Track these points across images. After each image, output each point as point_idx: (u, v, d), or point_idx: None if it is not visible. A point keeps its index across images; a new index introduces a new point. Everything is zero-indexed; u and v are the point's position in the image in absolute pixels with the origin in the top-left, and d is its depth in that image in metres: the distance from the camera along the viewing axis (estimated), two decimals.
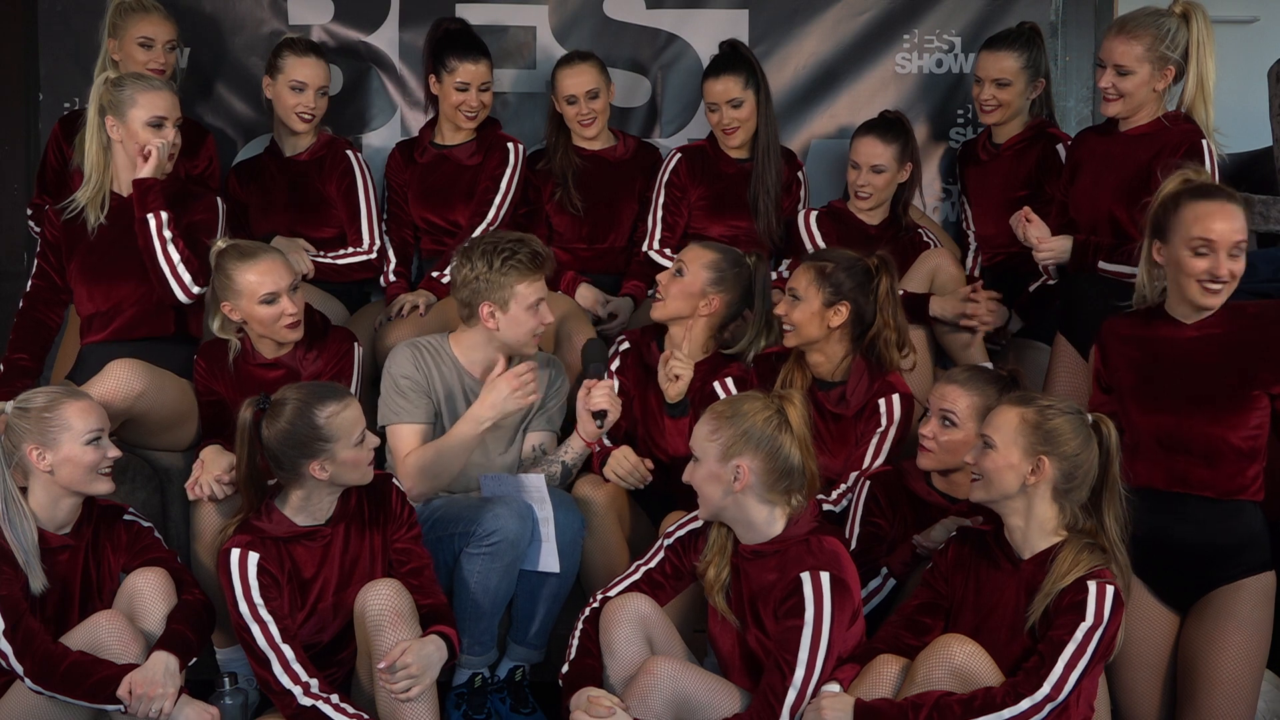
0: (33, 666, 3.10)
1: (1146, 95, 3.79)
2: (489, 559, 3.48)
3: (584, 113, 4.52)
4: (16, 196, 4.76)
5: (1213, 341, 3.28)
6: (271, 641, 3.19)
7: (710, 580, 3.20)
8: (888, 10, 4.89)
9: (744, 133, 4.51)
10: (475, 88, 4.44)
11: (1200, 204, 3.24)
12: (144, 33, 4.32)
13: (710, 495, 3.14)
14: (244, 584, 3.22)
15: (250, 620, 3.20)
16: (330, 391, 3.31)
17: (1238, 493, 3.27)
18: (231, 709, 3.31)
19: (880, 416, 3.76)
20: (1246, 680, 3.31)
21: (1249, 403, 3.25)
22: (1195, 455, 3.27)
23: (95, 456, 3.24)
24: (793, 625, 3.04)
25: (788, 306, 3.76)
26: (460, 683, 3.58)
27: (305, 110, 4.39)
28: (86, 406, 3.28)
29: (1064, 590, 3.01)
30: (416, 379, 3.69)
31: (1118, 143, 3.85)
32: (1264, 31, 5.63)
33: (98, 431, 3.25)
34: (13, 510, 3.18)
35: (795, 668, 3.02)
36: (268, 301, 3.65)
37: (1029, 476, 3.04)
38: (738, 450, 3.10)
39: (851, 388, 3.77)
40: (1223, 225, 3.21)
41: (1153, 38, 3.74)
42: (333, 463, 3.26)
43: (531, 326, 3.67)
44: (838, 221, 4.48)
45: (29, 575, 3.18)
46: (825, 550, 3.11)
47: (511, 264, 3.63)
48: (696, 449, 3.15)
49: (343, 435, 3.25)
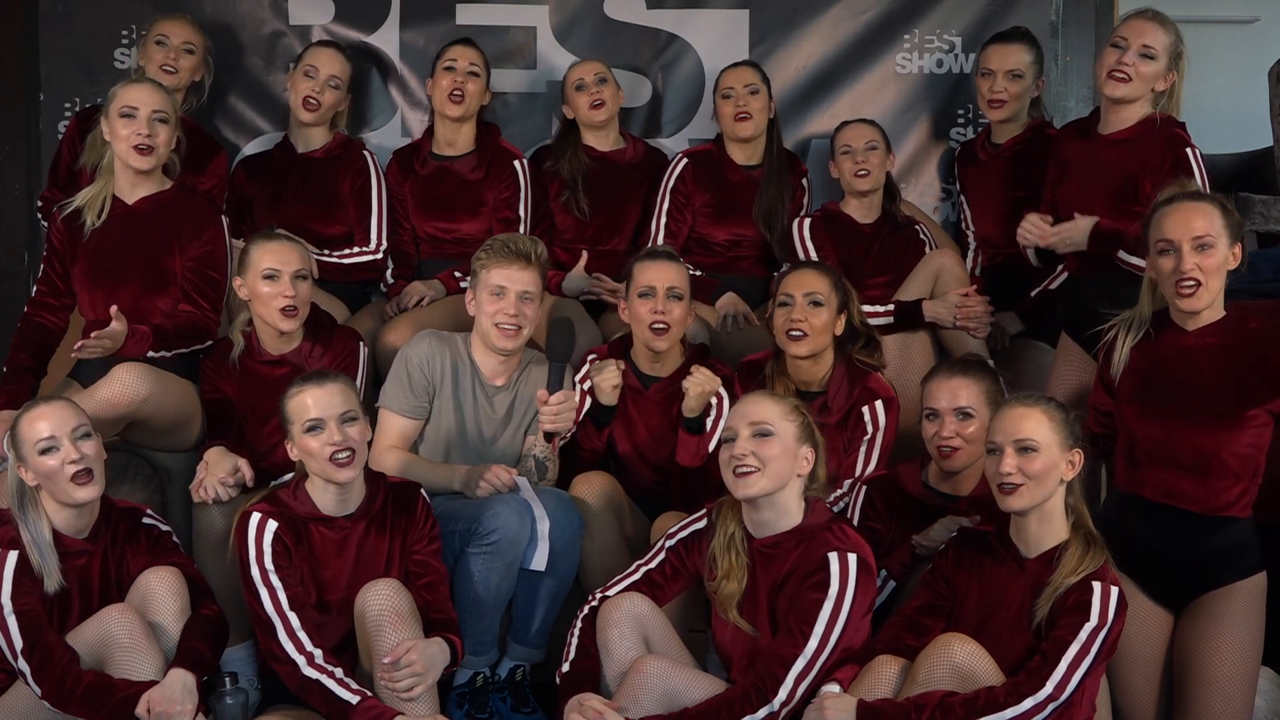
0: (51, 690, 3.07)
1: (1148, 90, 3.79)
2: (489, 558, 3.48)
3: (594, 95, 4.53)
4: (17, 196, 4.76)
5: (1211, 352, 3.27)
6: (278, 606, 3.20)
7: (726, 595, 3.17)
8: (888, 10, 4.89)
9: (755, 125, 4.51)
10: (462, 70, 4.45)
11: (1162, 209, 3.30)
12: (161, 31, 4.39)
13: (782, 471, 3.12)
14: (258, 547, 3.24)
15: (259, 584, 3.22)
16: (309, 375, 3.35)
17: (1222, 509, 3.26)
18: (232, 709, 3.31)
19: (866, 424, 3.77)
20: (1242, 680, 3.31)
21: (1243, 420, 3.24)
22: (1185, 469, 3.26)
23: (53, 463, 3.13)
24: (815, 598, 3.04)
25: (806, 310, 3.75)
26: (461, 682, 3.58)
27: (311, 96, 4.41)
28: (35, 414, 3.18)
29: (1069, 589, 3.01)
30: (424, 370, 3.70)
31: (1102, 147, 3.84)
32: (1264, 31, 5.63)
33: (47, 440, 3.14)
34: (28, 505, 3.17)
35: (809, 638, 3.02)
36: (269, 277, 3.69)
37: (1066, 472, 3.07)
38: (806, 437, 3.16)
39: (832, 395, 3.79)
40: (1177, 221, 3.24)
41: (1176, 35, 3.79)
42: (294, 445, 3.29)
43: (490, 312, 3.66)
44: (832, 224, 4.47)
45: (44, 574, 3.15)
46: (850, 537, 3.13)
47: (485, 252, 3.69)
48: (774, 422, 3.13)
49: (294, 419, 3.28)
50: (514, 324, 3.65)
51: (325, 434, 3.24)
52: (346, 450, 3.25)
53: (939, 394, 3.45)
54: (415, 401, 3.71)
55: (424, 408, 3.72)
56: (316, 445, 3.24)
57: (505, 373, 3.76)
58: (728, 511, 3.22)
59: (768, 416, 3.13)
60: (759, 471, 3.10)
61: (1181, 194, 3.34)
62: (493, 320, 3.65)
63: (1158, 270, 3.29)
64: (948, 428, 3.41)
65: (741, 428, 3.13)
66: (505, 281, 3.64)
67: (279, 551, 3.25)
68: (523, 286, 3.65)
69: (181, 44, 4.39)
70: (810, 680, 3.03)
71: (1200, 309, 3.26)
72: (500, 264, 3.65)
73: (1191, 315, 3.28)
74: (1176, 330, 3.32)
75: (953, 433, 3.41)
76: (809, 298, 3.75)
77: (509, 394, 3.76)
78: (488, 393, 3.74)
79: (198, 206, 3.93)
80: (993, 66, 4.45)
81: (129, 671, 3.11)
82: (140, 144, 3.75)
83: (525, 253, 3.66)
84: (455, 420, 3.72)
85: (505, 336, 3.66)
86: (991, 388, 3.45)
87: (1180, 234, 3.23)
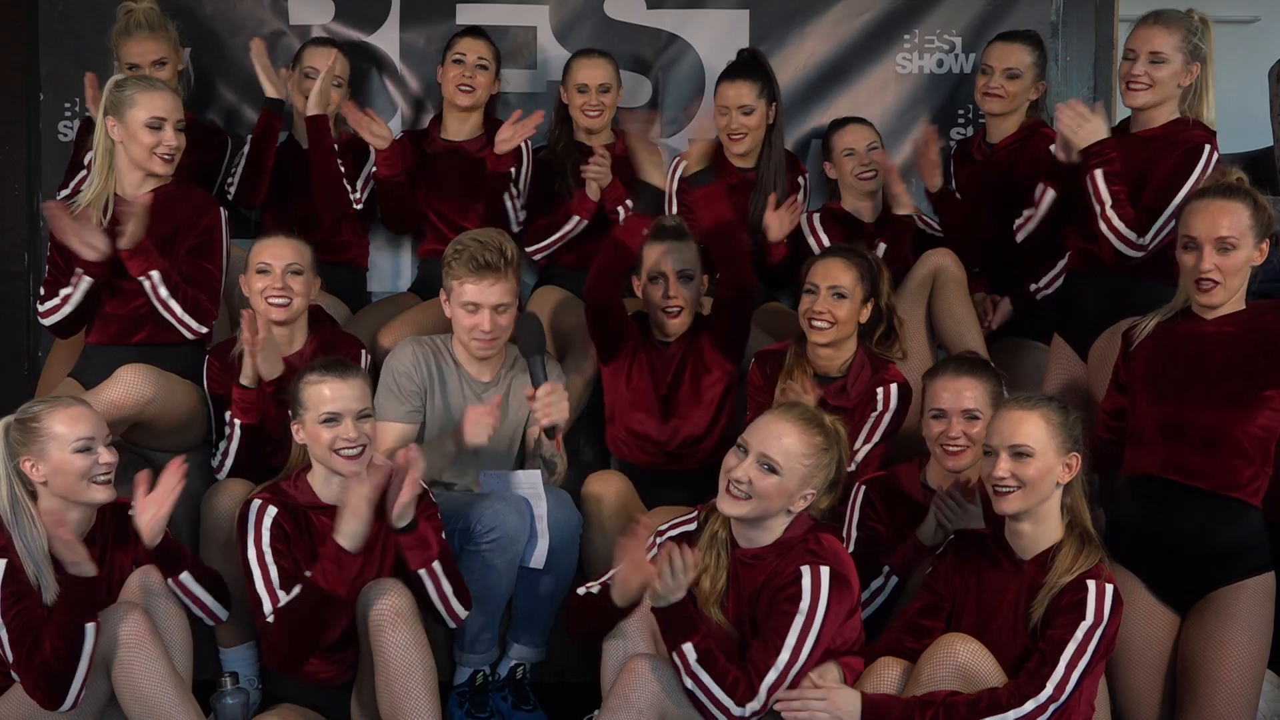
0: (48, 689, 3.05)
1: (1172, 90, 3.81)
2: (490, 555, 3.48)
3: (592, 104, 4.53)
4: (17, 196, 4.75)
5: (1229, 339, 3.30)
6: (269, 585, 3.23)
7: (705, 591, 3.17)
8: (888, 10, 4.89)
9: (750, 141, 4.49)
10: (471, 63, 4.46)
11: (1194, 202, 3.33)
12: (129, 59, 4.34)
13: (772, 507, 3.09)
14: (257, 531, 3.27)
15: (255, 565, 3.25)
16: (330, 364, 3.35)
17: (1233, 489, 3.27)
18: (233, 708, 3.32)
19: (877, 402, 3.78)
20: (1247, 681, 3.31)
21: (1258, 400, 3.26)
22: (1195, 444, 3.27)
23: (85, 464, 3.16)
24: (786, 610, 3.04)
25: (830, 303, 3.76)
26: (461, 681, 3.59)
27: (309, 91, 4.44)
28: (76, 414, 3.20)
29: (1064, 588, 3.01)
30: (412, 376, 3.71)
31: (1127, 145, 3.85)
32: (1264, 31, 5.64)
33: (87, 440, 3.17)
34: (22, 518, 3.15)
35: (781, 651, 3.01)
36: (262, 271, 3.75)
37: (1062, 476, 3.06)
38: (816, 482, 3.10)
39: (852, 380, 3.80)
40: (1204, 219, 3.28)
41: (1186, 30, 3.79)
42: (304, 430, 3.31)
43: (466, 327, 3.66)
44: (838, 221, 4.50)
45: (41, 587, 3.13)
46: (825, 547, 3.11)
47: (454, 260, 3.66)
48: (783, 462, 3.06)
49: (310, 406, 3.30)
50: (490, 337, 3.66)
51: (341, 428, 3.28)
52: (359, 447, 3.28)
53: (945, 394, 3.44)
54: (408, 406, 3.71)
55: (418, 410, 3.72)
56: (330, 437, 3.28)
57: (491, 369, 3.77)
58: (718, 514, 3.21)
59: (780, 454, 3.07)
60: (745, 501, 3.08)
61: (1215, 188, 3.35)
62: (470, 335, 3.66)
63: (1181, 264, 3.34)
64: (955, 428, 3.41)
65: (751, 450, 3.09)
66: (477, 298, 3.64)
67: (277, 536, 3.28)
68: (495, 300, 3.64)
69: (152, 63, 4.33)
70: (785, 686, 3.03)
71: (1217, 304, 3.31)
72: (470, 279, 3.63)
73: (1207, 308, 3.32)
74: (1196, 319, 3.36)
75: (959, 433, 3.40)
76: (833, 290, 3.77)
77: (498, 389, 3.76)
78: (476, 390, 3.74)
79: (197, 198, 3.95)
80: (992, 63, 4.46)
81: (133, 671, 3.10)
82: (167, 154, 3.81)
83: (494, 265, 3.63)
84: (446, 421, 3.72)
85: (483, 347, 3.68)
86: (995, 388, 3.46)
87: (1205, 233, 3.27)
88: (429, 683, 3.21)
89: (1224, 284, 3.28)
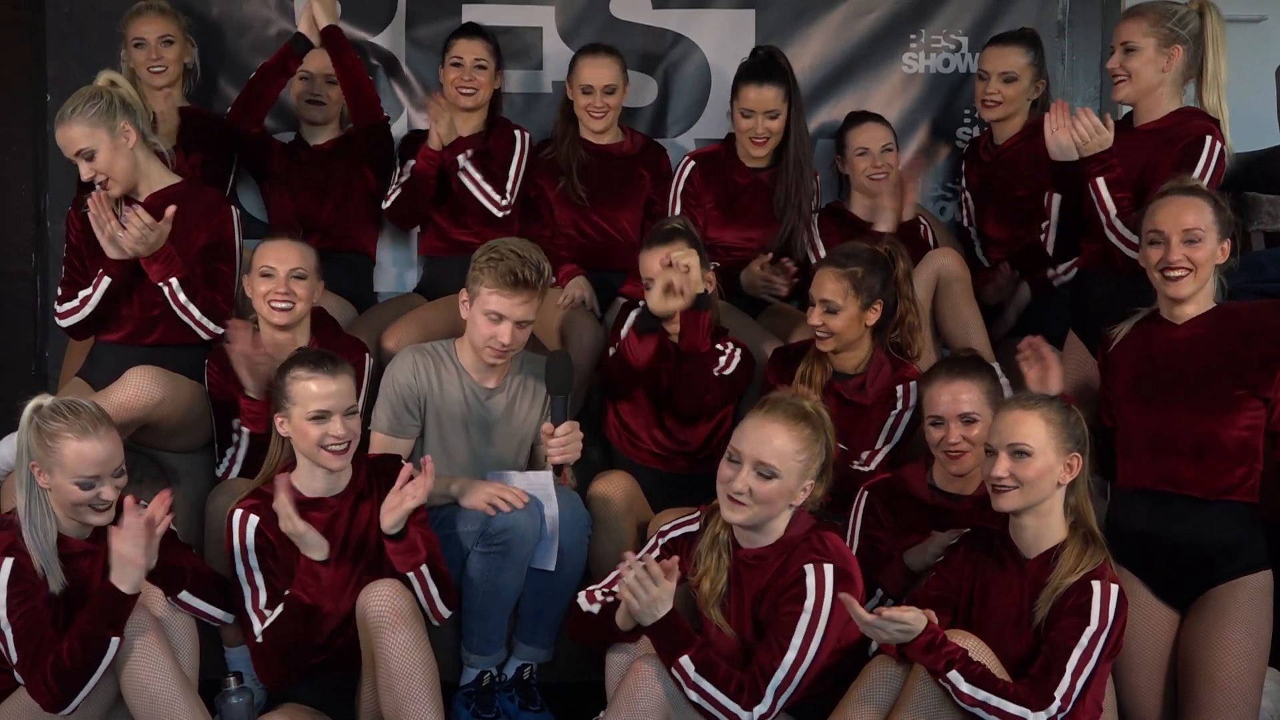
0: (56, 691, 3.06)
1: (1154, 77, 3.78)
2: (500, 556, 3.48)
3: (596, 106, 4.51)
4: (23, 197, 4.76)
5: (1202, 343, 3.32)
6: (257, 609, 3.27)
7: (706, 593, 3.17)
8: (894, 10, 4.89)
9: (772, 144, 4.49)
10: (469, 66, 4.45)
11: (1155, 202, 3.37)
12: (136, 34, 4.38)
13: (772, 510, 3.10)
14: (241, 546, 3.30)
15: (244, 584, 3.30)
16: (318, 359, 3.35)
17: (1226, 493, 3.28)
18: (237, 708, 3.32)
19: (896, 400, 3.79)
20: (1247, 679, 3.31)
21: (1238, 402, 3.27)
22: (1184, 454, 3.28)
23: (84, 496, 3.12)
24: (791, 610, 3.04)
25: (823, 317, 3.76)
26: (468, 682, 3.59)
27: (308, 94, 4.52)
28: (88, 450, 3.11)
29: (1069, 589, 3.00)
30: (411, 387, 3.68)
31: (1132, 139, 3.84)
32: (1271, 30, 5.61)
33: (91, 478, 3.11)
34: (35, 508, 3.15)
35: (787, 651, 3.02)
36: (266, 275, 3.73)
37: (1063, 476, 3.05)
38: (812, 474, 3.12)
39: (871, 378, 3.81)
40: (1168, 214, 3.32)
41: (1157, 15, 3.77)
42: (289, 424, 3.32)
43: (484, 334, 3.60)
44: (838, 222, 4.49)
45: (48, 576, 3.14)
46: (828, 545, 3.12)
47: (489, 267, 3.58)
48: (779, 464, 3.07)
49: (298, 402, 3.30)
50: (507, 349, 3.62)
51: (330, 425, 3.29)
52: (345, 443, 3.30)
53: (941, 400, 3.43)
54: (402, 421, 3.69)
55: (414, 425, 3.70)
56: (318, 434, 3.29)
57: (496, 375, 3.73)
58: (719, 516, 3.21)
59: (774, 456, 3.08)
60: (748, 507, 3.09)
61: (1176, 187, 3.39)
62: (486, 343, 3.61)
63: (1146, 259, 3.36)
64: (954, 434, 3.40)
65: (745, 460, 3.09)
66: (504, 310, 3.57)
67: (262, 548, 3.30)
68: (521, 315, 3.60)
69: (159, 39, 4.38)
70: (790, 691, 3.04)
71: (1186, 295, 3.32)
72: (503, 291, 3.56)
73: (1180, 308, 3.34)
74: (1167, 325, 3.38)
75: (959, 438, 3.40)
76: (825, 305, 3.77)
77: (504, 395, 3.75)
78: (480, 396, 3.72)
79: (207, 197, 3.96)
80: (988, 69, 4.47)
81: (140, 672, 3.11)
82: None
83: (530, 283, 3.57)
84: (445, 425, 3.71)
85: (496, 356, 3.65)
86: (992, 387, 3.44)
87: (1170, 226, 3.31)
88: (431, 683, 3.21)
89: (1194, 274, 3.30)
